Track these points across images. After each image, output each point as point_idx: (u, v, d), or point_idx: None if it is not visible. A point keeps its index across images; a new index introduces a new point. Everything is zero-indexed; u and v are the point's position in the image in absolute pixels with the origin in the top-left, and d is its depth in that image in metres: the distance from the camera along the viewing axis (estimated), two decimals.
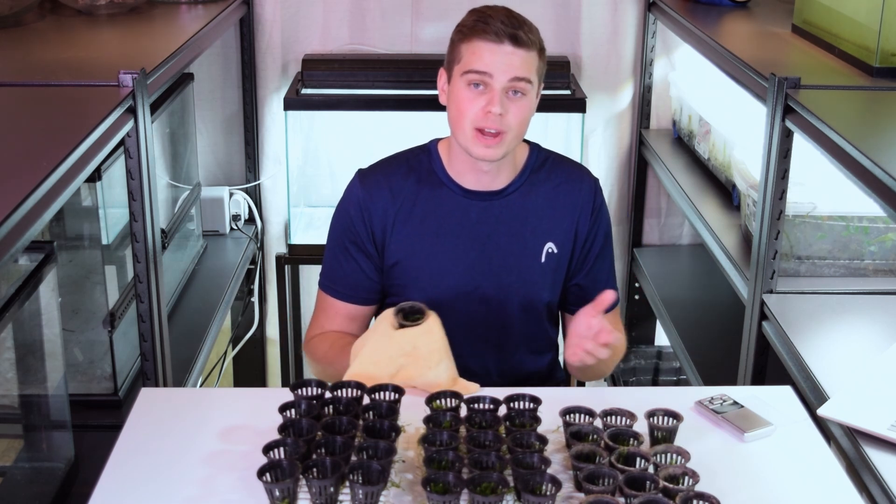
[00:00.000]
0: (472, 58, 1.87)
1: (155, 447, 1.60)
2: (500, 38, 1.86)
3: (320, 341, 2.03)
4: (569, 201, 2.02)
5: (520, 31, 1.87)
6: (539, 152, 2.05)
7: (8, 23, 2.45)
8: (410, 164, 2.02)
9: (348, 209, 2.01)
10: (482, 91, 1.88)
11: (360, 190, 2.00)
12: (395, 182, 2.00)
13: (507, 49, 1.86)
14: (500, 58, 1.86)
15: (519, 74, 1.87)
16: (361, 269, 2.01)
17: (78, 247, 2.13)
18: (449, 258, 1.99)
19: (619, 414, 1.60)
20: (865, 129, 1.94)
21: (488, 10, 1.91)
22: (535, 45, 1.89)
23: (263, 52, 3.10)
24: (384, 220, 1.98)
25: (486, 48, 1.86)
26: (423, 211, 1.99)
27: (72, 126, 1.72)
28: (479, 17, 1.90)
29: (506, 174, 2.00)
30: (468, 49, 1.88)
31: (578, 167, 2.10)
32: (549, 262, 2.01)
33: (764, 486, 1.52)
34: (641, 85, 3.22)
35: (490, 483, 1.40)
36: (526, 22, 1.91)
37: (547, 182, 2.02)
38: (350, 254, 2.01)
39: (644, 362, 3.32)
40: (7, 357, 1.69)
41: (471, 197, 1.99)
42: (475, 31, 1.88)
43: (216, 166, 3.24)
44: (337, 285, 2.03)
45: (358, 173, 2.04)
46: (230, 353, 3.17)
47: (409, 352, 1.79)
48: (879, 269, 2.23)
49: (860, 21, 2.18)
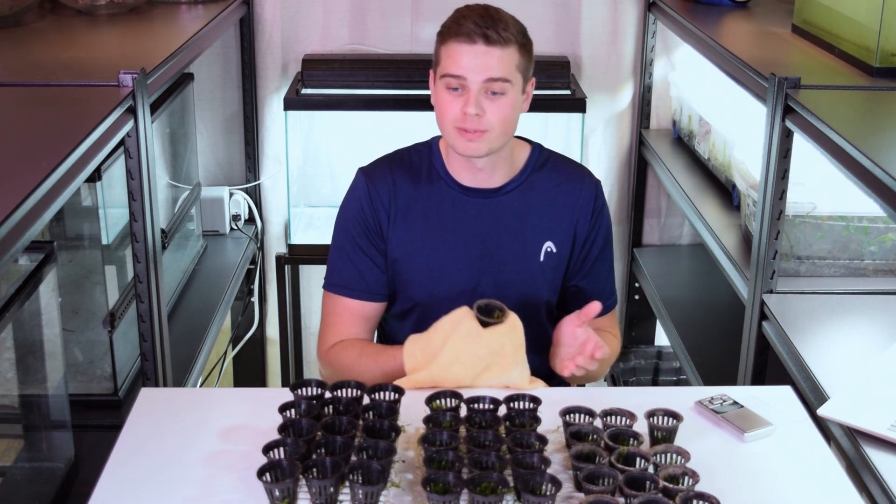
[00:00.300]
0: (448, 61, 1.87)
1: (155, 447, 1.60)
2: (472, 38, 1.85)
3: (344, 349, 2.00)
4: (569, 201, 2.02)
5: (491, 30, 1.84)
6: (541, 152, 2.05)
7: (8, 23, 2.45)
8: (412, 160, 2.02)
9: (358, 203, 2.00)
10: (460, 93, 1.87)
11: (365, 183, 2.00)
12: (398, 176, 2.00)
13: (481, 49, 1.85)
14: (474, 59, 1.85)
15: (494, 75, 1.85)
16: (374, 263, 2.00)
17: (78, 247, 2.13)
18: (449, 255, 1.99)
19: (619, 414, 1.60)
20: (865, 129, 1.94)
21: (465, 9, 1.91)
22: (511, 41, 1.86)
23: (263, 52, 3.10)
24: (388, 212, 1.99)
25: (460, 50, 1.86)
26: (423, 207, 1.99)
27: (72, 126, 1.72)
28: (455, 17, 1.90)
29: (503, 172, 2.00)
30: (445, 52, 1.89)
31: (580, 168, 2.10)
32: (549, 261, 2.01)
33: (764, 486, 1.52)
34: (641, 85, 3.22)
35: (490, 483, 1.40)
36: (502, 18, 1.88)
37: (547, 181, 2.02)
38: (362, 249, 2.00)
39: (644, 362, 3.32)
40: (7, 357, 1.69)
41: (469, 194, 2.00)
42: (450, 32, 1.88)
43: (216, 166, 3.24)
44: (351, 284, 2.01)
45: (360, 170, 2.04)
46: (230, 353, 3.17)
47: (497, 350, 1.80)
48: (879, 269, 2.23)
49: (860, 21, 2.18)
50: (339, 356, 2.00)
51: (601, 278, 2.06)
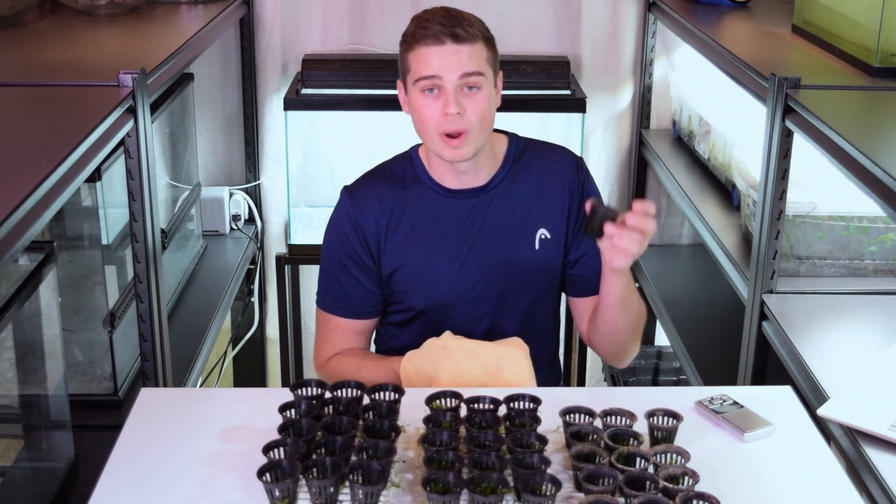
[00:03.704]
0: (419, 65, 1.89)
1: (155, 447, 1.60)
2: (441, 39, 1.87)
3: (341, 363, 2.02)
4: (556, 185, 2.03)
5: (458, 28, 1.88)
6: (518, 141, 2.06)
7: (8, 23, 2.45)
8: (395, 173, 2.03)
9: (341, 226, 2.01)
10: (437, 95, 1.89)
11: (349, 205, 2.01)
12: (383, 192, 2.01)
13: (450, 48, 1.87)
14: (445, 59, 1.87)
15: (467, 70, 1.88)
16: (361, 283, 2.01)
17: (78, 247, 2.13)
18: (444, 260, 1.99)
19: (619, 414, 1.60)
20: (865, 129, 1.94)
21: (426, 14, 1.94)
22: (478, 37, 1.90)
23: (263, 52, 3.10)
24: (377, 231, 1.99)
25: (430, 52, 1.88)
26: (412, 216, 2.00)
27: (72, 126, 1.72)
28: (418, 23, 1.92)
29: (486, 168, 2.00)
30: (414, 57, 1.90)
31: (559, 149, 2.11)
32: (544, 249, 2.02)
33: (764, 486, 1.52)
34: (641, 85, 3.22)
35: (490, 483, 1.40)
36: (465, 17, 1.92)
37: (530, 170, 2.03)
38: (348, 270, 2.01)
39: (644, 362, 3.32)
40: (7, 357, 1.69)
41: (457, 196, 2.00)
42: (416, 37, 1.90)
43: (216, 166, 3.24)
44: (337, 303, 2.03)
45: (344, 190, 2.04)
46: (230, 353, 3.17)
47: (492, 371, 1.81)
48: (879, 269, 2.23)
49: (860, 21, 2.18)
50: (337, 369, 2.01)
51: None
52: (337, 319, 2.04)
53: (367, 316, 2.05)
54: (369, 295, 2.02)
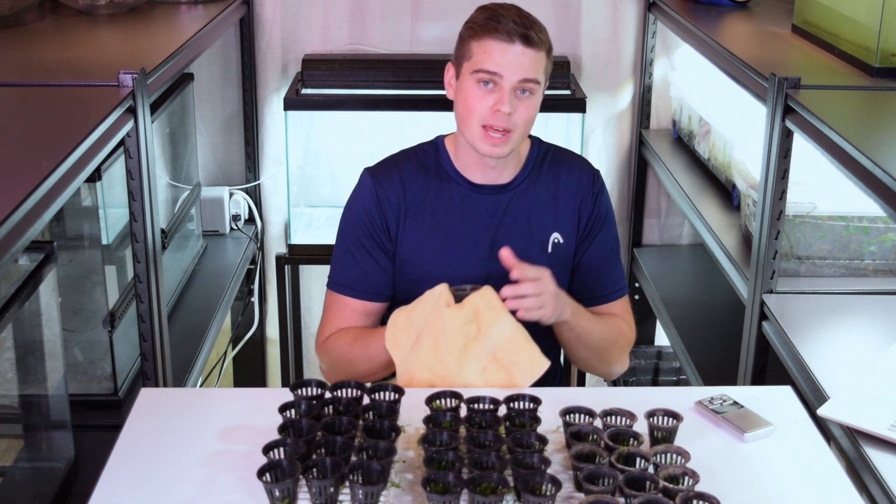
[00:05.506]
0: (483, 56, 1.88)
1: (155, 447, 1.60)
2: (512, 37, 1.86)
3: (339, 337, 2.01)
4: (570, 192, 2.04)
5: (531, 32, 1.87)
6: (540, 146, 2.07)
7: (8, 23, 2.45)
8: (419, 159, 2.03)
9: (362, 203, 2.01)
10: (491, 89, 1.89)
11: (371, 183, 2.01)
12: (406, 174, 2.01)
13: (518, 49, 1.87)
14: (511, 58, 1.87)
15: (528, 76, 1.88)
16: (378, 264, 2.01)
17: (78, 247, 2.13)
18: (459, 252, 2.00)
19: (619, 414, 1.60)
20: (865, 129, 1.94)
21: (499, 7, 1.92)
22: (544, 45, 1.90)
23: (263, 52, 3.10)
24: (397, 211, 1.99)
25: (497, 47, 1.87)
26: (433, 205, 2.00)
27: (72, 126, 1.72)
28: (490, 14, 1.90)
29: (511, 168, 2.01)
30: (479, 47, 1.89)
31: (578, 158, 2.12)
32: (556, 253, 2.03)
33: (764, 486, 1.52)
34: (641, 85, 3.22)
35: (490, 483, 1.40)
36: (536, 22, 1.91)
37: (549, 175, 2.04)
38: (367, 250, 2.00)
39: (644, 362, 3.32)
40: (7, 357, 1.70)
41: (479, 191, 2.01)
42: (486, 28, 1.88)
43: (216, 166, 3.24)
44: (353, 284, 2.02)
45: (366, 170, 2.04)
46: (230, 353, 3.17)
47: (472, 317, 1.82)
48: (879, 269, 2.23)
49: (860, 21, 2.18)
50: (335, 344, 2.01)
51: (608, 244, 2.07)
52: (348, 301, 2.02)
53: (381, 298, 2.03)
54: (385, 276, 2.02)
